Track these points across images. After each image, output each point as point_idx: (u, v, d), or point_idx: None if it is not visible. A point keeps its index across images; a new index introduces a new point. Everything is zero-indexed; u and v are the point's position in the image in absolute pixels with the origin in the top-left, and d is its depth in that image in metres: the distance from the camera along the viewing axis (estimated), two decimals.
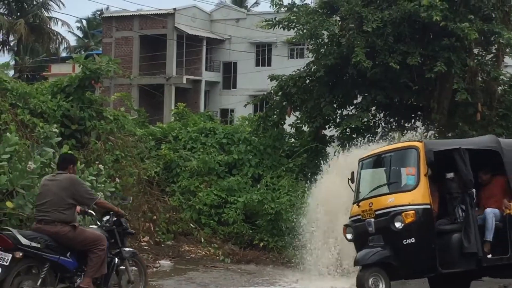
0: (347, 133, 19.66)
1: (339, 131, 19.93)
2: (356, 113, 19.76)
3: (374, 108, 20.19)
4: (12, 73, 39.36)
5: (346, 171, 13.28)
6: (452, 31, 17.87)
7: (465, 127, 18.55)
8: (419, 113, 20.36)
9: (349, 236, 12.16)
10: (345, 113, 20.45)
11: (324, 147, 19.96)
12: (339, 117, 20.38)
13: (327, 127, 20.45)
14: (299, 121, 20.69)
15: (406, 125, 20.23)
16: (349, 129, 19.62)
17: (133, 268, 10.58)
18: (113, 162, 17.13)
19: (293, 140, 20.89)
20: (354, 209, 12.14)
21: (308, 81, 20.29)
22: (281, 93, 20.43)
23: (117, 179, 16.49)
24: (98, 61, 17.52)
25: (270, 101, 21.07)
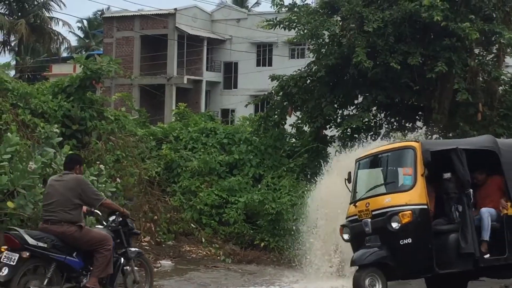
0: (348, 133, 19.68)
1: (340, 131, 19.94)
2: (357, 113, 19.76)
3: (375, 108, 20.20)
4: (13, 73, 39.29)
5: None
6: (453, 31, 17.87)
7: (466, 127, 18.53)
8: (420, 113, 20.36)
9: (346, 236, 12.12)
10: (346, 113, 20.46)
11: (325, 147, 19.95)
12: (340, 117, 20.38)
13: (328, 127, 20.45)
14: (300, 121, 20.70)
15: (407, 125, 20.24)
16: (350, 129, 19.63)
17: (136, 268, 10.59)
18: (114, 162, 17.13)
19: (294, 140, 20.89)
20: (351, 209, 12.10)
21: (309, 81, 20.29)
22: (282, 93, 20.43)
23: (118, 179, 16.50)
24: (99, 61, 17.52)
25: (271, 101, 21.07)
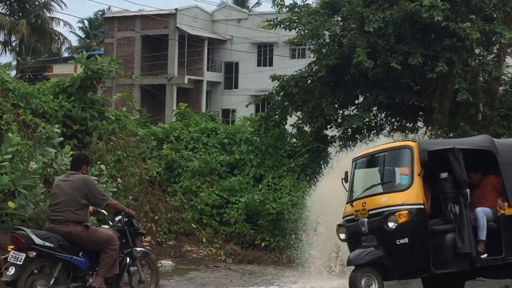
0: (349, 133, 19.68)
1: (341, 131, 19.94)
2: (357, 113, 19.77)
3: (375, 108, 20.20)
4: (14, 73, 39.24)
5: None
6: (453, 31, 17.88)
7: (467, 127, 18.53)
8: (420, 113, 20.36)
9: (342, 236, 12.06)
10: (346, 113, 20.46)
11: (325, 147, 19.95)
12: (340, 117, 20.39)
13: (328, 127, 20.45)
14: (300, 121, 20.71)
15: (407, 125, 20.25)
16: (350, 129, 19.63)
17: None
18: (115, 162, 17.15)
19: (294, 140, 20.90)
20: (347, 209, 12.03)
21: (309, 81, 20.30)
22: (282, 93, 20.44)
23: (119, 179, 16.52)
24: (100, 62, 17.55)
25: (271, 101, 21.09)
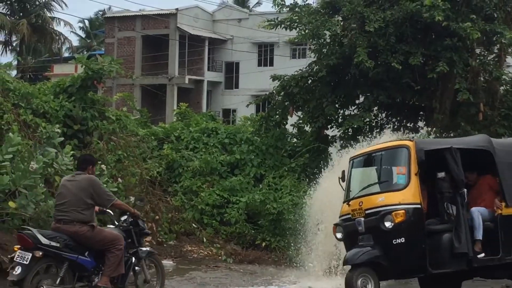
0: (349, 133, 19.68)
1: (341, 131, 19.94)
2: (358, 113, 19.76)
3: (376, 108, 20.18)
4: (14, 73, 39.37)
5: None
6: (454, 31, 17.88)
7: (467, 127, 18.53)
8: (421, 113, 20.36)
9: (339, 235, 12.01)
10: (347, 113, 20.46)
11: (326, 147, 19.95)
12: (341, 117, 20.38)
13: (329, 127, 20.44)
14: (301, 121, 20.71)
15: (408, 125, 20.25)
16: (351, 129, 19.63)
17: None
18: (115, 162, 17.15)
19: (295, 140, 20.89)
20: (344, 208, 11.99)
21: (310, 81, 20.29)
22: (283, 93, 20.44)
23: (119, 179, 16.52)
24: (100, 61, 17.55)
25: (272, 101, 21.09)
